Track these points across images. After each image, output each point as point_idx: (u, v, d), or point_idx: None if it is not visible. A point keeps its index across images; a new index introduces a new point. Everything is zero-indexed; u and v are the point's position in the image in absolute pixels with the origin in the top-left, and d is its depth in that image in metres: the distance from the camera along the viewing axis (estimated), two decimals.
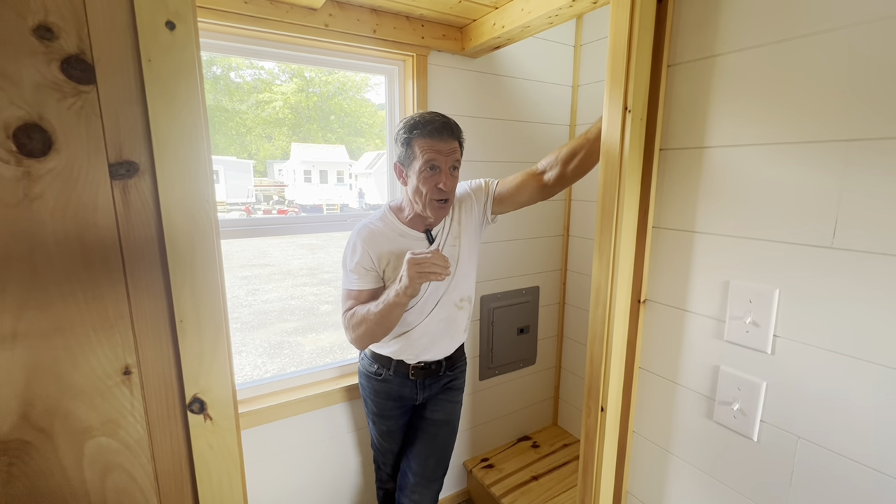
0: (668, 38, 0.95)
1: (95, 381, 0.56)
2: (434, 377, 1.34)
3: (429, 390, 1.35)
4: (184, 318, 0.58)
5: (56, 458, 0.56)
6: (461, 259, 1.27)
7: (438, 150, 1.12)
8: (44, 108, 0.49)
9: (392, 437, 1.39)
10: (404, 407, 1.37)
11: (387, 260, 1.21)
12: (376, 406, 1.35)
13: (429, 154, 1.11)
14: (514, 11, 1.34)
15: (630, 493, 1.17)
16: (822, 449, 0.79)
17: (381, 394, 1.33)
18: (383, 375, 1.31)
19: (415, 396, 1.34)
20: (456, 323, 1.30)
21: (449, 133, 1.14)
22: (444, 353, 1.32)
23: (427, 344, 1.28)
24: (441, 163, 1.12)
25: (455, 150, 1.15)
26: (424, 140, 1.12)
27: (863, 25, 0.69)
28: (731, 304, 0.90)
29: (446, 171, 1.13)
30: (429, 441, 1.35)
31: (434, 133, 1.12)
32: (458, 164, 1.17)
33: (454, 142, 1.15)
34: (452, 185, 1.15)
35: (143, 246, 0.56)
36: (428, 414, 1.36)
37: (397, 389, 1.32)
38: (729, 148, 0.88)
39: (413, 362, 1.29)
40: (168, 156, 0.54)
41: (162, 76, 0.53)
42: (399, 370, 1.30)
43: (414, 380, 1.31)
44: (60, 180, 0.51)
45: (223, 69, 21.64)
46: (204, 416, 0.62)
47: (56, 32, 0.49)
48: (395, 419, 1.36)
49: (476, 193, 1.30)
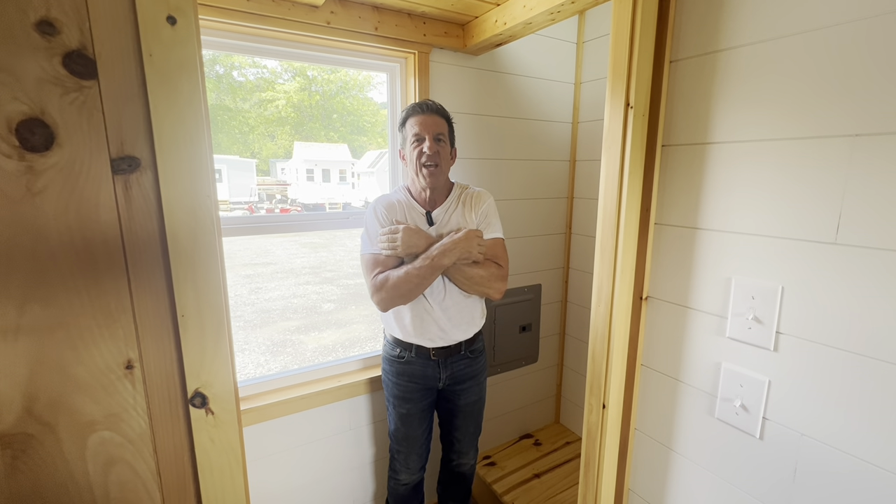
0: (671, 33, 0.94)
1: (98, 375, 0.56)
2: (455, 355, 1.39)
3: (450, 369, 1.39)
4: (185, 313, 0.58)
5: (59, 452, 0.56)
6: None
7: (423, 123, 1.28)
8: (46, 102, 0.49)
9: (411, 421, 1.42)
10: (427, 388, 1.41)
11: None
12: (398, 388, 1.40)
13: (416, 128, 1.28)
14: (515, 8, 1.34)
15: (632, 490, 1.17)
16: (826, 446, 0.79)
17: (404, 375, 1.39)
18: (406, 357, 1.38)
19: (437, 376, 1.39)
20: (466, 309, 1.36)
21: (434, 110, 1.30)
22: (462, 336, 1.38)
23: (442, 330, 1.34)
24: (426, 133, 1.27)
25: (439, 124, 1.29)
26: (413, 118, 1.29)
27: (869, 20, 0.69)
28: (733, 301, 0.90)
29: (430, 138, 1.26)
30: (466, 417, 1.48)
31: (420, 110, 1.29)
32: (444, 137, 1.30)
33: (439, 118, 1.30)
34: (436, 150, 1.27)
35: (144, 241, 0.56)
36: (462, 402, 1.45)
37: (420, 370, 1.38)
38: (732, 144, 0.87)
39: (432, 346, 1.36)
40: (169, 151, 0.54)
41: (163, 71, 0.53)
42: (420, 352, 1.37)
43: (436, 360, 1.37)
44: (63, 175, 0.51)
45: (226, 68, 21.70)
46: (206, 411, 0.62)
47: (58, 27, 0.49)
48: (415, 402, 1.41)
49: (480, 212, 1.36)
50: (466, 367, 1.42)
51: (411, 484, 1.50)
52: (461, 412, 1.47)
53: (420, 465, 1.48)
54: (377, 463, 1.73)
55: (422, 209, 1.34)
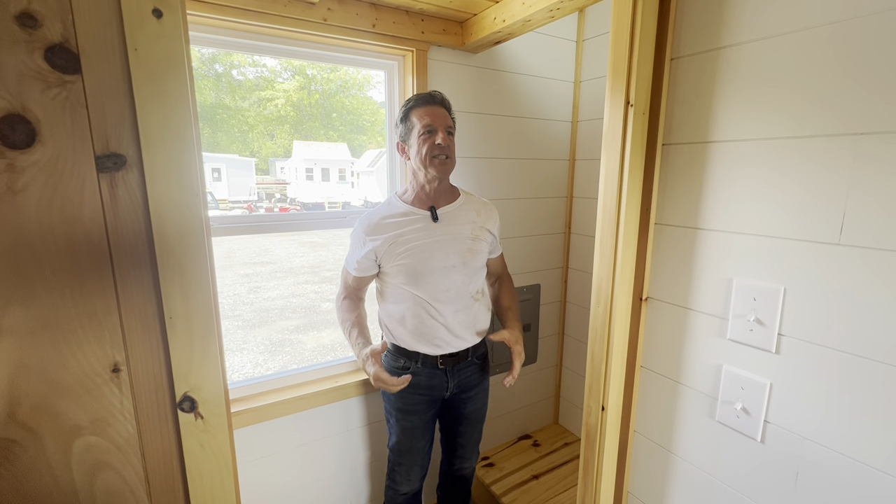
0: (672, 30, 0.93)
1: (83, 378, 0.55)
2: (463, 362, 1.34)
3: (458, 377, 1.34)
4: (173, 315, 0.57)
5: (44, 458, 0.55)
6: (481, 252, 1.31)
7: (433, 114, 1.23)
8: (27, 98, 0.48)
9: (415, 434, 1.36)
10: (432, 399, 1.35)
11: (383, 241, 1.26)
12: (401, 401, 1.33)
13: (426, 119, 1.22)
14: (514, 5, 1.32)
15: (631, 492, 1.16)
16: (828, 449, 0.78)
17: (409, 387, 1.31)
18: (411, 368, 1.31)
19: (444, 386, 1.33)
20: (474, 314, 1.32)
21: (440, 102, 1.26)
22: (469, 343, 1.34)
23: (449, 337, 1.29)
24: (437, 124, 1.22)
25: (447, 117, 1.25)
26: (420, 108, 1.24)
27: (874, 16, 0.67)
28: (734, 302, 0.88)
29: (443, 130, 1.22)
30: (472, 425, 1.45)
31: (427, 101, 1.24)
32: (453, 131, 1.26)
33: (445, 111, 1.26)
34: (448, 143, 1.23)
35: (131, 240, 0.55)
36: (468, 410, 1.41)
37: (427, 381, 1.32)
38: (734, 143, 0.86)
39: (438, 354, 1.31)
40: (156, 148, 0.53)
41: (149, 66, 0.51)
42: (427, 362, 1.31)
43: (443, 368, 1.32)
44: (45, 173, 0.50)
45: (225, 67, 21.68)
46: (195, 415, 0.61)
47: (39, 20, 0.47)
48: (420, 413, 1.34)
49: (496, 229, 1.39)
50: (474, 373, 1.37)
51: (411, 493, 1.46)
52: (466, 420, 1.42)
53: (421, 475, 1.44)
54: (372, 465, 1.71)
55: (420, 210, 1.28)
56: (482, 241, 1.31)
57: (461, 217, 1.30)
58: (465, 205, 1.33)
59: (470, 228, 1.29)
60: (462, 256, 1.26)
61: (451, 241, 1.26)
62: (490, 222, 1.35)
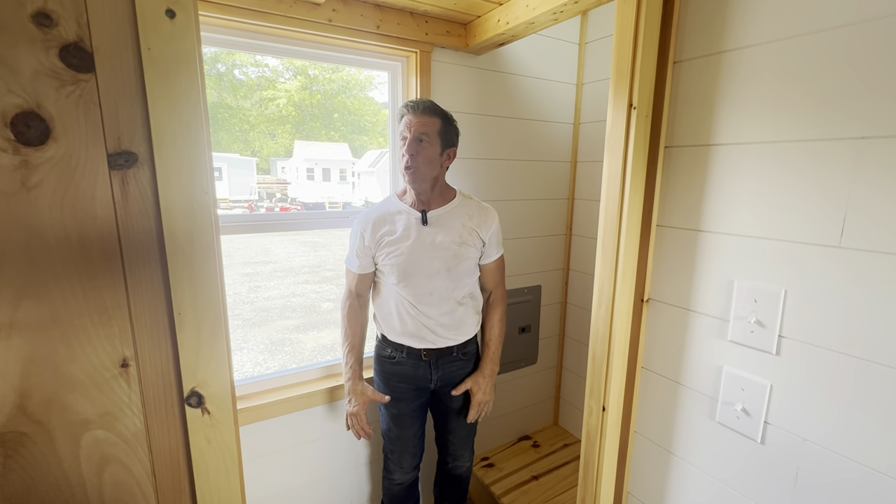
0: (675, 33, 0.94)
1: (93, 373, 0.56)
2: (446, 356, 1.38)
3: (442, 370, 1.38)
4: (182, 311, 0.58)
5: (53, 451, 0.55)
6: (467, 259, 1.31)
7: (409, 122, 1.24)
8: (42, 96, 0.49)
9: (403, 421, 1.41)
10: (418, 389, 1.40)
11: (378, 236, 1.30)
12: (389, 388, 1.39)
13: (402, 128, 1.26)
14: (518, 7, 1.33)
15: (631, 493, 1.16)
16: (828, 451, 0.78)
17: (394, 376, 1.38)
18: (396, 358, 1.37)
19: (429, 377, 1.38)
20: (458, 317, 1.34)
21: (422, 110, 1.24)
22: (454, 342, 1.37)
23: (434, 333, 1.33)
24: (409, 133, 1.24)
25: (425, 124, 1.24)
26: (405, 117, 1.26)
27: (875, 21, 0.68)
28: (735, 304, 0.89)
29: (412, 139, 1.23)
30: (460, 420, 1.47)
31: (407, 110, 1.26)
32: (427, 138, 1.24)
33: (428, 117, 1.24)
34: (413, 151, 1.23)
35: (141, 237, 0.55)
36: (454, 404, 1.44)
37: (411, 371, 1.37)
38: (736, 146, 0.87)
39: (422, 347, 1.34)
40: (167, 146, 0.54)
41: (162, 65, 0.52)
42: (412, 353, 1.36)
43: (427, 360, 1.36)
44: (58, 170, 0.50)
45: (227, 66, 21.68)
46: (202, 410, 0.61)
47: (55, 19, 0.48)
48: (406, 402, 1.40)
49: (489, 234, 1.35)
50: (458, 369, 1.40)
51: (405, 483, 1.49)
52: (454, 414, 1.46)
53: (414, 464, 1.47)
54: (372, 464, 1.72)
55: (415, 211, 1.30)
56: (469, 246, 1.30)
57: (451, 220, 1.30)
58: (458, 208, 1.33)
59: (458, 233, 1.29)
60: (447, 262, 1.27)
61: (437, 245, 1.27)
62: (483, 227, 1.33)
